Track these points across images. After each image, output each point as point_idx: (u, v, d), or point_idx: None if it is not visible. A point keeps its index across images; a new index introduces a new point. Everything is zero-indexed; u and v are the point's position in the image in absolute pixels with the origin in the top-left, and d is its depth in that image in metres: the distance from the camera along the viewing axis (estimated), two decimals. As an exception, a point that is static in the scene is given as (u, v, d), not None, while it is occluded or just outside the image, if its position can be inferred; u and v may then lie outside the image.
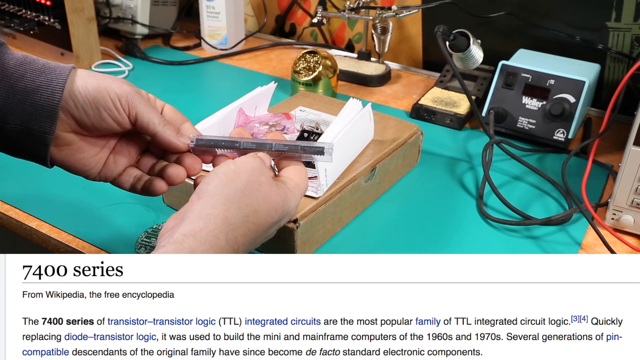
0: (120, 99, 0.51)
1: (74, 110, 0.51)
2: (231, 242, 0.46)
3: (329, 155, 0.54)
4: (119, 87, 0.51)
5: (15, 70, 0.50)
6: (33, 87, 0.49)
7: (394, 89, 1.10)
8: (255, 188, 0.49)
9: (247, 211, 0.48)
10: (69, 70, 0.50)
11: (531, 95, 0.89)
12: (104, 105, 0.51)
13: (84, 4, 1.05)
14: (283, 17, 1.33)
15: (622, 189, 0.69)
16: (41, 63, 0.51)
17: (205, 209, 0.47)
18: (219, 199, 0.47)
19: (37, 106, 0.49)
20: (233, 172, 0.49)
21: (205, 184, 0.49)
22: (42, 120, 0.50)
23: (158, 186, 0.54)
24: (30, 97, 0.49)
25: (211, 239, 0.45)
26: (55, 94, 0.49)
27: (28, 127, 0.50)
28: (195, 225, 0.45)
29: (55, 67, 0.50)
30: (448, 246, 0.69)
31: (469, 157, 0.88)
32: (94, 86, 0.50)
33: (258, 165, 0.51)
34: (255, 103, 0.76)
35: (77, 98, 0.50)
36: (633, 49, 1.00)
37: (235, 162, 0.50)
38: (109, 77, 0.52)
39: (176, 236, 0.45)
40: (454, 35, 0.88)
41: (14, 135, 0.50)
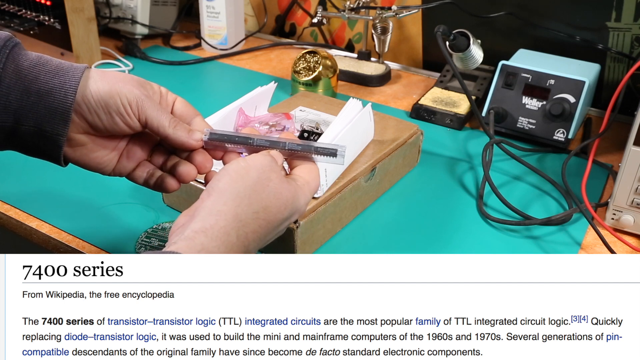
0: (131, 104, 0.51)
1: (87, 114, 0.51)
2: (242, 238, 0.47)
3: (342, 157, 0.54)
4: (130, 91, 0.51)
5: (30, 71, 0.50)
6: (47, 89, 0.50)
7: (394, 89, 1.10)
8: (266, 184, 0.49)
9: (257, 207, 0.48)
10: (82, 71, 0.51)
11: (531, 95, 0.89)
12: (115, 110, 0.51)
13: (84, 4, 1.05)
14: (283, 17, 1.33)
15: (622, 189, 0.69)
16: (55, 64, 0.51)
17: (215, 206, 0.47)
18: (229, 195, 0.47)
19: (50, 108, 0.50)
20: (243, 169, 0.49)
21: (215, 181, 0.49)
22: (56, 122, 0.50)
23: (169, 184, 0.55)
24: (44, 99, 0.50)
25: (222, 235, 0.45)
26: (68, 96, 0.50)
27: (42, 128, 0.50)
28: (206, 222, 0.46)
29: (68, 68, 0.51)
30: (448, 246, 0.69)
31: (469, 157, 0.88)
32: (106, 90, 0.51)
33: (268, 163, 0.51)
34: (255, 103, 0.76)
35: (89, 102, 0.51)
36: (633, 49, 1.00)
37: (246, 160, 0.50)
38: (120, 79, 0.52)
39: (187, 233, 0.45)
40: (454, 35, 0.88)
41: (28, 137, 0.51)
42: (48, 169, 0.79)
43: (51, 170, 0.53)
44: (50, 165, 0.54)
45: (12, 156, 0.55)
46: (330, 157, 0.54)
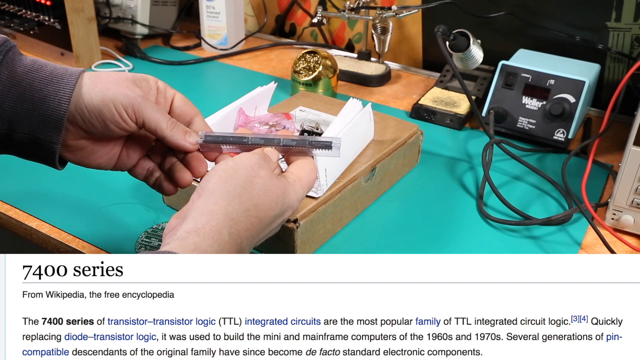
0: (127, 109, 0.51)
1: (82, 123, 0.51)
2: (234, 236, 0.47)
3: (337, 149, 0.54)
4: (124, 96, 0.51)
5: (24, 78, 0.49)
6: (40, 97, 0.49)
7: (394, 89, 1.10)
8: (255, 182, 0.49)
9: (248, 205, 0.48)
10: (77, 77, 0.50)
11: (531, 95, 0.89)
12: (110, 118, 0.51)
13: (84, 4, 1.05)
14: (283, 17, 1.33)
15: (622, 189, 0.69)
16: (49, 70, 0.50)
17: (206, 206, 0.47)
18: (219, 195, 0.48)
19: (44, 116, 0.49)
20: (232, 168, 0.49)
21: (205, 182, 0.49)
22: (49, 130, 0.50)
23: (167, 188, 0.56)
24: (37, 106, 0.49)
25: (214, 234, 0.45)
26: (62, 104, 0.49)
27: (36, 136, 0.50)
28: (197, 222, 0.46)
29: (62, 74, 0.50)
30: (448, 246, 0.69)
31: (469, 157, 0.88)
32: (99, 99, 0.50)
33: (257, 160, 0.51)
34: (255, 103, 0.76)
35: (83, 113, 0.50)
36: (633, 49, 1.00)
37: (234, 159, 0.51)
38: (113, 82, 0.51)
39: (180, 233, 0.45)
40: (454, 35, 0.88)
41: (23, 144, 0.51)
42: (48, 169, 0.79)
43: (51, 170, 0.53)
44: (50, 165, 0.54)
45: (12, 156, 0.55)
46: (326, 149, 0.54)
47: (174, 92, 0.56)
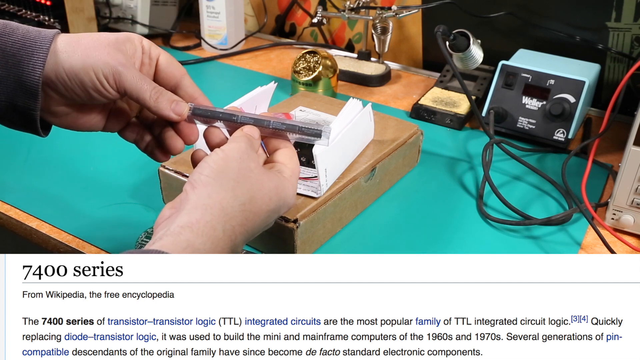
0: (108, 77, 0.49)
1: (63, 90, 0.50)
2: (228, 232, 0.46)
3: (326, 138, 0.53)
4: (105, 64, 0.49)
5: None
6: (14, 62, 0.48)
7: (394, 89, 1.10)
8: (247, 175, 0.49)
9: (243, 199, 0.48)
10: (50, 40, 0.48)
11: (531, 95, 0.89)
12: (91, 86, 0.49)
13: (84, 4, 1.05)
14: (283, 17, 1.33)
15: (622, 189, 0.69)
16: (21, 33, 0.49)
17: (201, 199, 0.46)
18: (213, 188, 0.47)
19: (19, 82, 0.48)
20: (222, 160, 0.49)
21: (197, 174, 0.48)
22: (26, 96, 0.48)
23: (158, 156, 0.56)
24: (12, 72, 0.48)
25: (208, 230, 0.45)
26: (36, 69, 0.48)
27: (13, 103, 0.49)
28: (192, 216, 0.45)
29: (35, 37, 0.48)
30: (448, 246, 0.69)
31: (469, 157, 0.88)
32: (80, 66, 0.49)
33: (245, 150, 0.50)
34: (255, 103, 0.75)
35: (64, 80, 0.49)
36: (633, 49, 1.00)
37: (223, 150, 0.50)
38: (94, 47, 0.49)
39: (173, 228, 0.44)
40: (454, 35, 0.88)
41: (2, 110, 0.50)
42: (48, 169, 0.79)
43: (51, 170, 0.53)
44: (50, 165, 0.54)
45: (12, 156, 0.55)
46: (315, 137, 0.53)
47: (159, 52, 0.54)
